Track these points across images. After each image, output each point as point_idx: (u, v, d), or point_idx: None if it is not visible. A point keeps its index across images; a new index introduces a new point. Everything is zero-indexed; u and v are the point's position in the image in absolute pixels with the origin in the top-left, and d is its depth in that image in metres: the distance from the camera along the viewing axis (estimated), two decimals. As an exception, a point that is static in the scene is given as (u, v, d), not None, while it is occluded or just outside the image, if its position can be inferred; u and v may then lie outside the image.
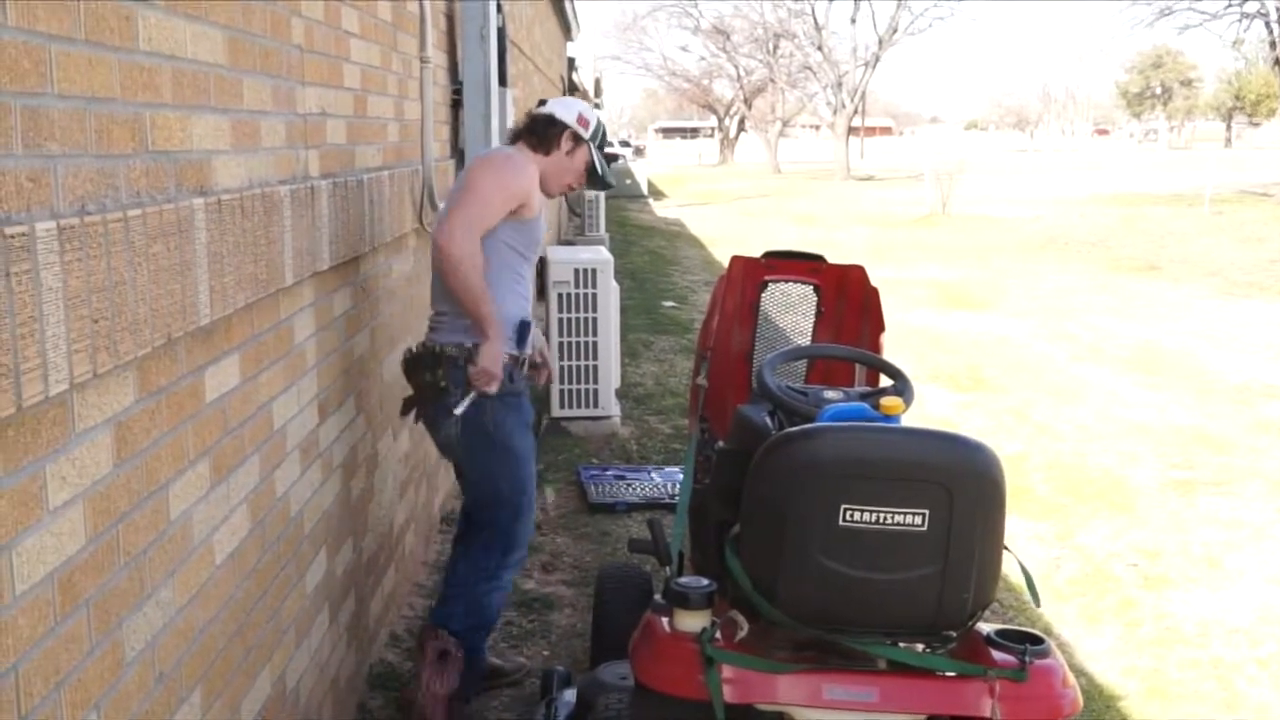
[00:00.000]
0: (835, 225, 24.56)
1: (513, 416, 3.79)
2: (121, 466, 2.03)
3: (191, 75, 2.32)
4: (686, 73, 66.30)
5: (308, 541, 3.26)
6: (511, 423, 3.78)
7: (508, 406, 3.76)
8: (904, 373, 3.36)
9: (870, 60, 50.57)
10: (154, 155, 2.13)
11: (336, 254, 3.34)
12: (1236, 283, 14.98)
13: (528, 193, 3.76)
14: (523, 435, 3.83)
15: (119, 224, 1.91)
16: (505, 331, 3.70)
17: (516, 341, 3.78)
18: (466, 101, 5.89)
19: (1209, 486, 6.60)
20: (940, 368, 9.90)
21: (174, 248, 2.13)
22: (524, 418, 3.84)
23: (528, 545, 4.00)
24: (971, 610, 2.67)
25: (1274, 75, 35.27)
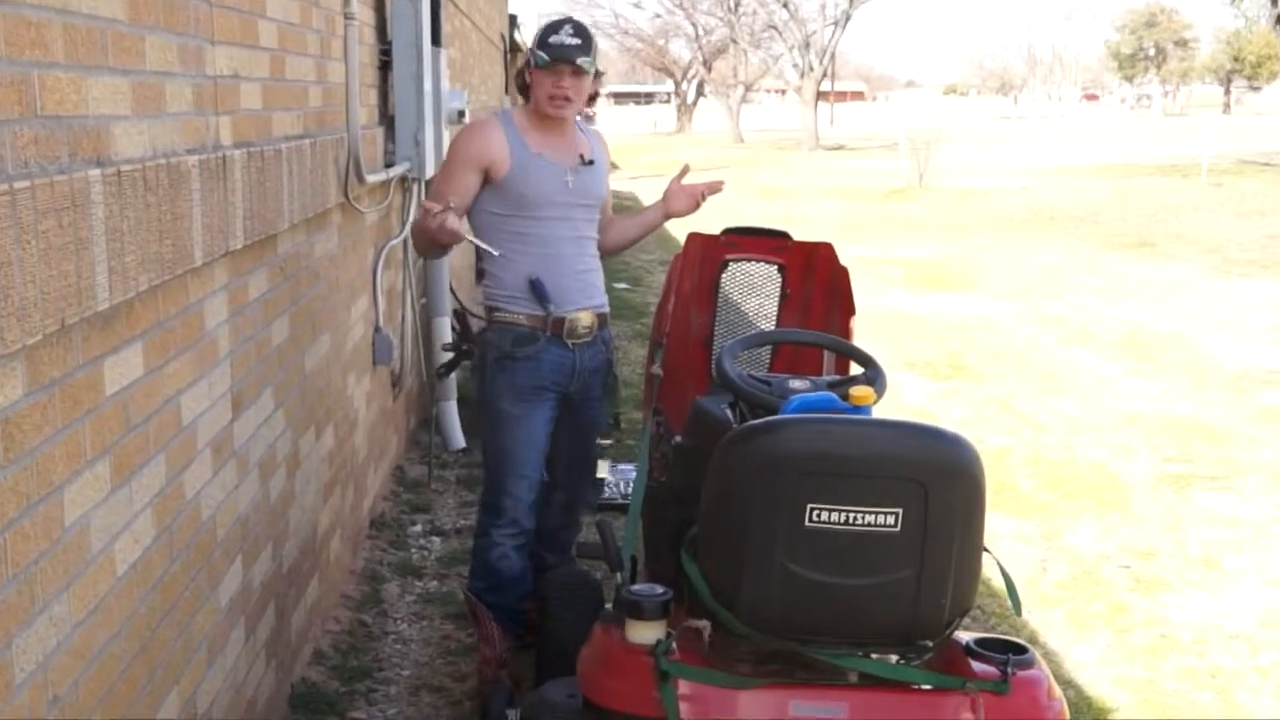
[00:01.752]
0: (802, 199, 24.65)
1: (503, 379, 4.02)
2: (9, 468, 2.01)
3: (86, 31, 2.29)
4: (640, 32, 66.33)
5: (221, 550, 3.23)
6: (503, 385, 4.02)
7: (502, 369, 4.01)
8: (876, 360, 3.37)
9: (840, 19, 50.72)
10: (44, 121, 2.10)
11: (252, 231, 3.31)
12: (1236, 260, 15.16)
13: (482, 153, 3.98)
14: (514, 400, 4.03)
15: (4, 197, 1.88)
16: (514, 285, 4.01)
17: (537, 299, 4.01)
18: (396, 63, 5.85)
19: (1206, 481, 6.68)
20: (916, 354, 9.95)
21: (67, 224, 2.10)
22: (523, 380, 4.02)
23: (527, 520, 4.15)
24: (949, 617, 2.68)
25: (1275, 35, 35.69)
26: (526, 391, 4.05)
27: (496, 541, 4.15)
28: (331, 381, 4.69)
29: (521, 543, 4.19)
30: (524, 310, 4.02)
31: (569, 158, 4.08)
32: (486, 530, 4.17)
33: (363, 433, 5.41)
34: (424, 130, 5.96)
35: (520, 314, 4.03)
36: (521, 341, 4.02)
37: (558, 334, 4.04)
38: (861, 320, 4.30)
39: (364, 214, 5.30)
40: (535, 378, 4.04)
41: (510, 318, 4.04)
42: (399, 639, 4.71)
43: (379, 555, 5.42)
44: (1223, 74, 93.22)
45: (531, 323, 4.02)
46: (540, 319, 4.01)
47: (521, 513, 4.14)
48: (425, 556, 5.47)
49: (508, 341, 4.02)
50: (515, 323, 4.03)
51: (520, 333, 4.02)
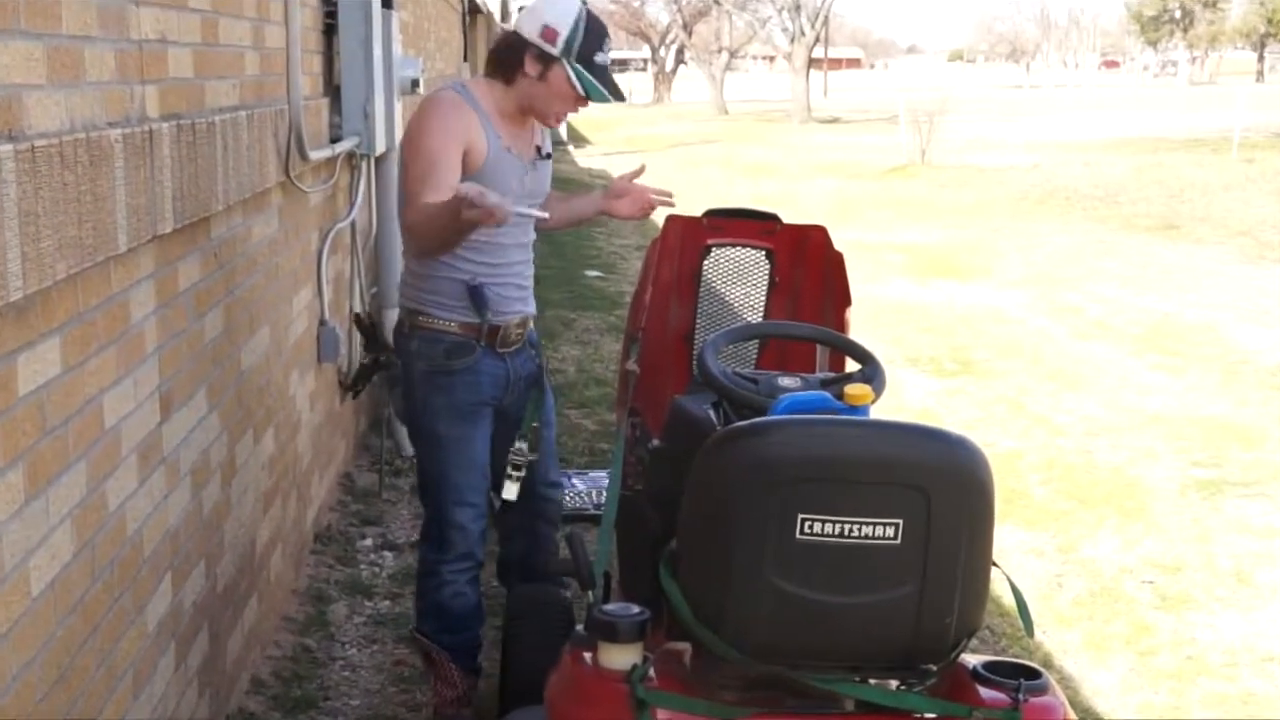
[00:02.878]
0: (793, 177, 24.67)
1: (439, 398, 3.92)
2: (-88, 477, 2.00)
3: (-5, -8, 2.28)
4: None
5: (148, 566, 3.22)
6: (438, 404, 3.93)
7: (436, 386, 3.92)
8: (874, 355, 3.38)
9: (835, -22, 50.80)
10: (-51, 91, 2.09)
11: (182, 213, 3.30)
12: (1270, 244, 15.23)
13: (467, 133, 3.79)
14: (452, 421, 3.93)
15: (-95, 176, 1.87)
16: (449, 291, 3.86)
17: (474, 307, 3.86)
18: (342, 26, 5.84)
19: (1238, 488, 6.72)
20: (919, 348, 9.99)
21: (-25, 206, 2.09)
22: (461, 399, 3.93)
23: (480, 551, 4.09)
24: (955, 639, 2.69)
25: (1313, -4, 35.86)
26: (466, 409, 3.95)
27: (448, 579, 4.05)
28: (271, 380, 4.68)
29: (475, 575, 4.11)
30: (456, 317, 3.89)
31: (528, 150, 3.99)
32: (434, 568, 4.07)
33: (306, 436, 5.40)
34: (373, 101, 5.94)
35: (451, 321, 3.89)
36: (456, 352, 3.90)
37: (491, 343, 3.94)
38: (858, 311, 4.31)
39: (308, 194, 5.29)
40: (475, 393, 3.95)
41: (439, 325, 3.90)
42: (347, 665, 4.70)
43: (325, 572, 5.41)
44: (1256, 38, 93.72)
45: (464, 331, 3.90)
46: (474, 327, 3.90)
47: (472, 543, 4.05)
48: (376, 574, 5.47)
49: (439, 353, 3.90)
50: (445, 330, 3.90)
51: (453, 342, 3.90)
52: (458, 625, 4.11)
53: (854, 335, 3.93)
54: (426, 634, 4.14)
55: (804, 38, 50.12)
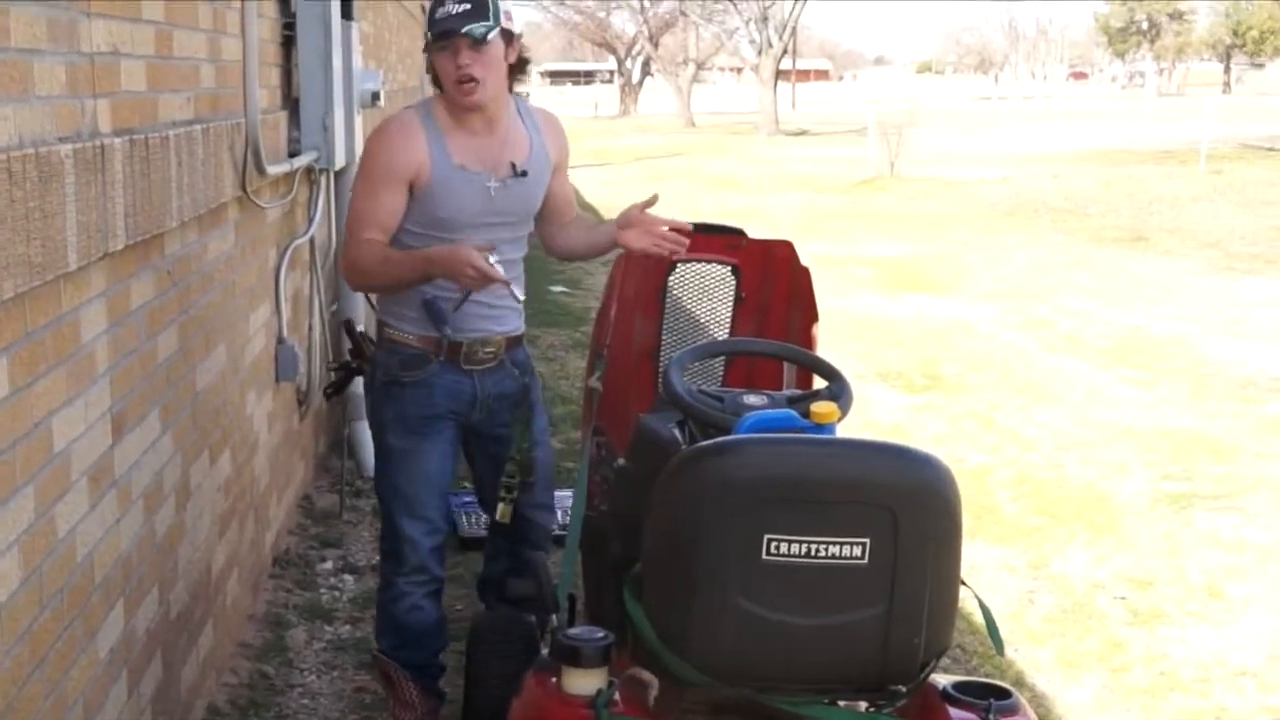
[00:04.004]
0: (760, 190, 24.73)
1: (391, 408, 3.96)
2: None
3: (-62, 5, 2.25)
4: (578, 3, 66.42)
5: (99, 593, 3.19)
6: (389, 415, 3.97)
7: (389, 396, 3.95)
8: (841, 372, 3.38)
9: (801, -11, 50.99)
10: (-111, 107, 2.06)
11: (135, 230, 3.27)
12: (1238, 256, 15.35)
13: (405, 165, 3.79)
14: (403, 433, 3.95)
15: None
16: (409, 304, 3.88)
17: (432, 320, 3.86)
18: (300, 38, 5.81)
19: (1208, 501, 6.74)
20: (887, 363, 10.00)
21: (-84, 224, 2.06)
22: (412, 411, 3.93)
23: (436, 567, 4.08)
24: (924, 659, 2.69)
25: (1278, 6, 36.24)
26: (416, 422, 3.93)
27: (404, 591, 4.05)
28: (228, 400, 4.65)
29: (433, 590, 4.09)
30: (415, 330, 3.90)
31: (496, 164, 3.88)
32: (391, 580, 4.08)
33: (264, 458, 5.36)
34: (333, 115, 5.91)
35: (411, 334, 3.90)
36: (410, 365, 3.90)
37: (453, 359, 3.91)
38: (826, 327, 4.31)
39: (265, 210, 5.26)
40: (426, 406, 3.92)
41: (399, 336, 3.92)
42: (306, 692, 4.66)
43: (283, 597, 5.37)
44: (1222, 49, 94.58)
45: (423, 344, 3.90)
46: (433, 341, 3.89)
47: (424, 557, 4.02)
48: (336, 598, 5.43)
49: (395, 364, 3.92)
50: (404, 342, 3.91)
51: (409, 354, 3.91)
52: (415, 641, 4.08)
53: (822, 351, 3.93)
54: (385, 651, 4.12)
55: (771, 49, 50.30)
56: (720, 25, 58.48)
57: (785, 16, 51.16)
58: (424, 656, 4.12)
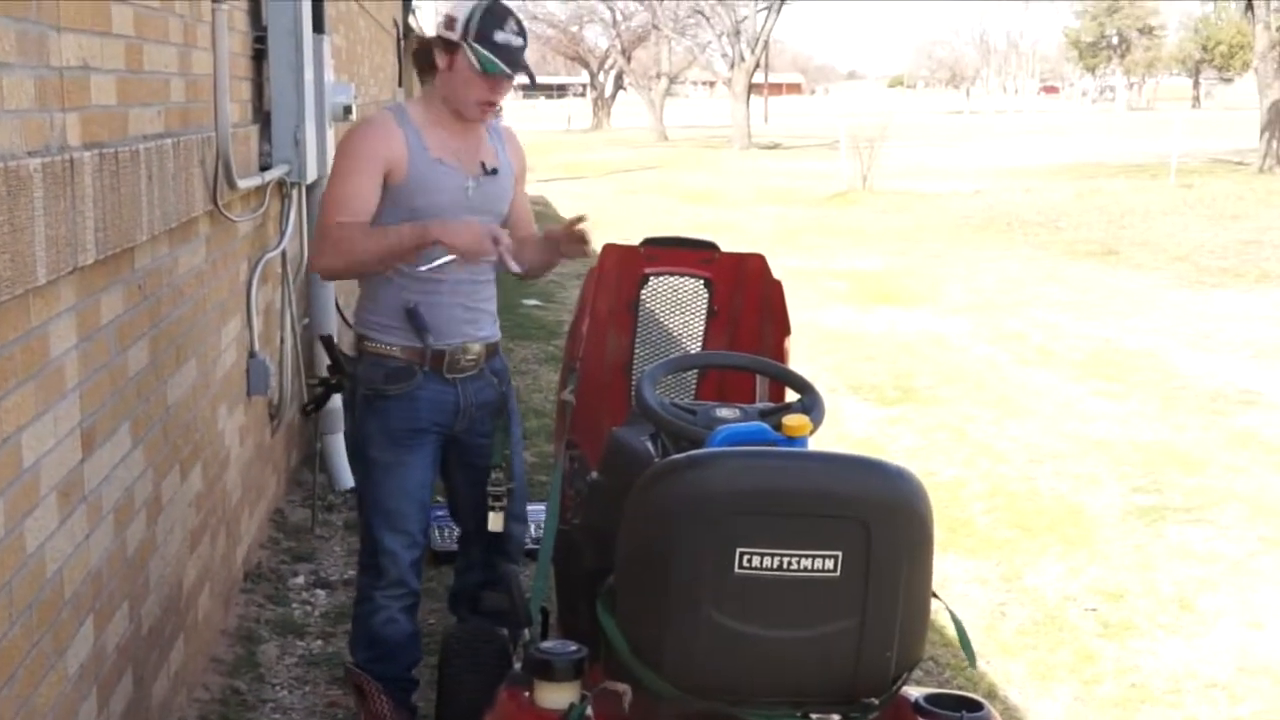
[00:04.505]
0: (733, 204, 24.77)
1: (373, 421, 3.95)
2: None
3: (-94, 18, 2.25)
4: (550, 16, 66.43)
5: (69, 609, 3.17)
6: (371, 428, 3.96)
7: (371, 410, 3.94)
8: (813, 385, 3.39)
9: (774, 3, 51.16)
10: None
11: (105, 244, 3.26)
12: (1208, 269, 15.45)
13: (385, 152, 3.82)
14: (384, 446, 3.96)
15: None
16: (389, 314, 3.91)
17: (413, 330, 3.90)
18: (272, 52, 5.81)
19: (1179, 513, 6.77)
20: (860, 376, 10.02)
21: (-116, 238, 2.05)
22: (396, 424, 3.94)
23: (414, 580, 4.10)
24: (896, 672, 2.70)
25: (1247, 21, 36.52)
26: (401, 435, 3.95)
27: (381, 605, 4.06)
28: (199, 414, 4.63)
29: (409, 604, 4.10)
30: (398, 341, 3.92)
31: (471, 164, 3.95)
32: (368, 594, 4.09)
33: (235, 472, 5.34)
34: (304, 128, 5.90)
35: (394, 345, 3.92)
36: (395, 377, 3.92)
37: (437, 369, 3.95)
38: (799, 339, 4.31)
39: (236, 224, 5.24)
40: (410, 419, 3.95)
41: (382, 349, 3.93)
42: (278, 707, 4.64)
43: (255, 612, 5.35)
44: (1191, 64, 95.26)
45: (407, 355, 3.92)
46: (417, 351, 3.92)
47: (404, 571, 4.04)
48: (309, 612, 5.41)
49: (379, 376, 3.92)
50: (388, 354, 3.93)
51: (394, 367, 3.92)
52: (390, 654, 4.09)
53: (794, 364, 3.93)
54: (359, 665, 4.12)
55: (744, 63, 50.48)
56: (693, 39, 58.66)
57: (758, 30, 51.38)
58: (399, 670, 4.11)
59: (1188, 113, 58.74)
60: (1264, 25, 32.22)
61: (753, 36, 51.19)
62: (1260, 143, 31.96)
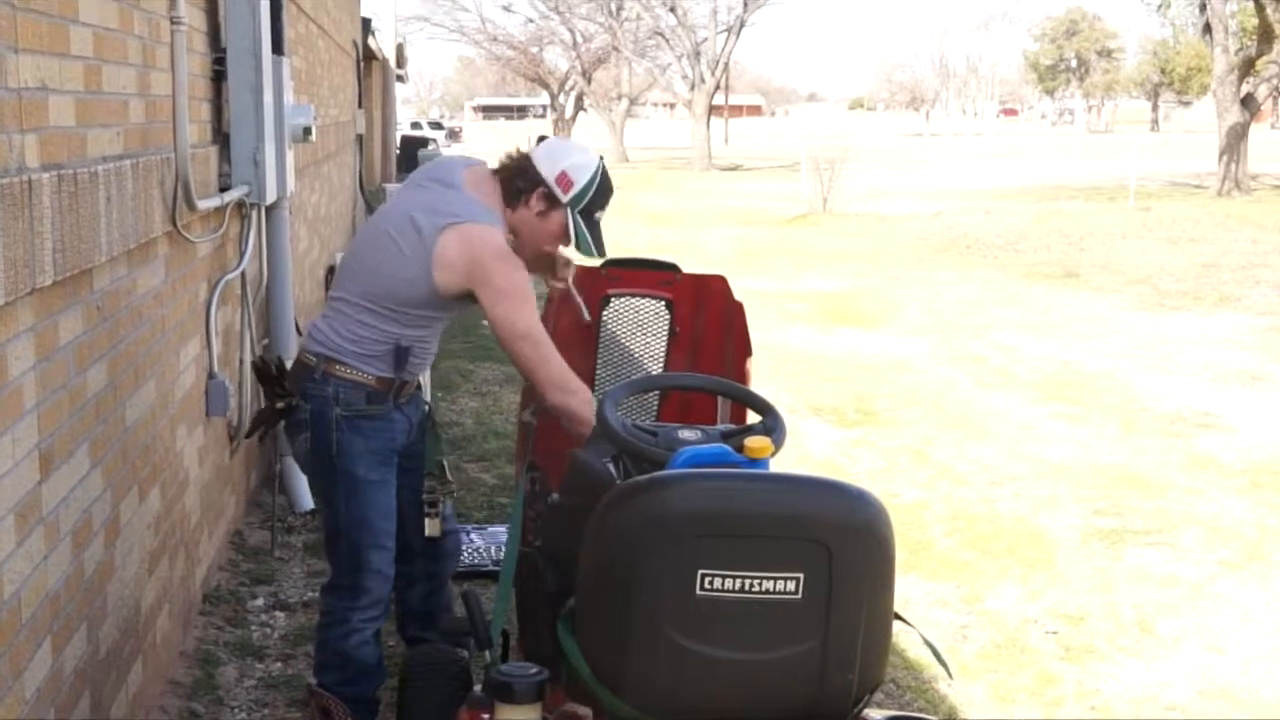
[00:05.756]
0: (694, 225, 24.83)
1: (360, 441, 4.06)
2: None
3: None
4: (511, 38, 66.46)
5: (26, 631, 3.15)
6: (358, 448, 4.06)
7: (356, 430, 4.05)
8: (774, 406, 3.40)
9: (734, 25, 51.42)
10: None
11: (63, 265, 3.26)
12: (1167, 292, 15.57)
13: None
14: (372, 465, 4.08)
15: None
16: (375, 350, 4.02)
17: (394, 365, 4.04)
18: (231, 73, 5.80)
19: (1139, 536, 6.82)
20: (821, 398, 10.06)
21: None
22: (378, 444, 4.09)
23: (385, 595, 4.20)
24: (858, 694, 2.71)
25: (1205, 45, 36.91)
26: (385, 455, 4.12)
27: (357, 626, 4.12)
28: (158, 436, 4.62)
29: (380, 625, 4.19)
30: (374, 371, 4.04)
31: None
32: (345, 616, 4.13)
33: (195, 494, 5.32)
34: (264, 149, 5.90)
35: (369, 375, 4.04)
36: (374, 399, 4.06)
37: (397, 396, 4.11)
38: (759, 361, 4.34)
39: (195, 244, 5.23)
40: (390, 439, 4.12)
41: (357, 375, 4.03)
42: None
43: (214, 634, 5.32)
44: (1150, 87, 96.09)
45: (380, 385, 4.06)
46: (388, 381, 4.06)
47: (386, 590, 4.16)
48: (268, 635, 5.39)
49: (360, 398, 4.03)
50: (363, 382, 4.04)
51: (372, 391, 4.05)
52: (360, 677, 4.15)
53: (756, 385, 3.95)
54: (327, 686, 4.15)
55: (704, 85, 50.65)
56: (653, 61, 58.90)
57: (717, 53, 51.59)
58: (369, 691, 4.18)
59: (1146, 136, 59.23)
60: (1222, 49, 32.61)
61: (713, 58, 51.41)
62: (1219, 166, 32.35)
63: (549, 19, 62.57)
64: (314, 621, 4.53)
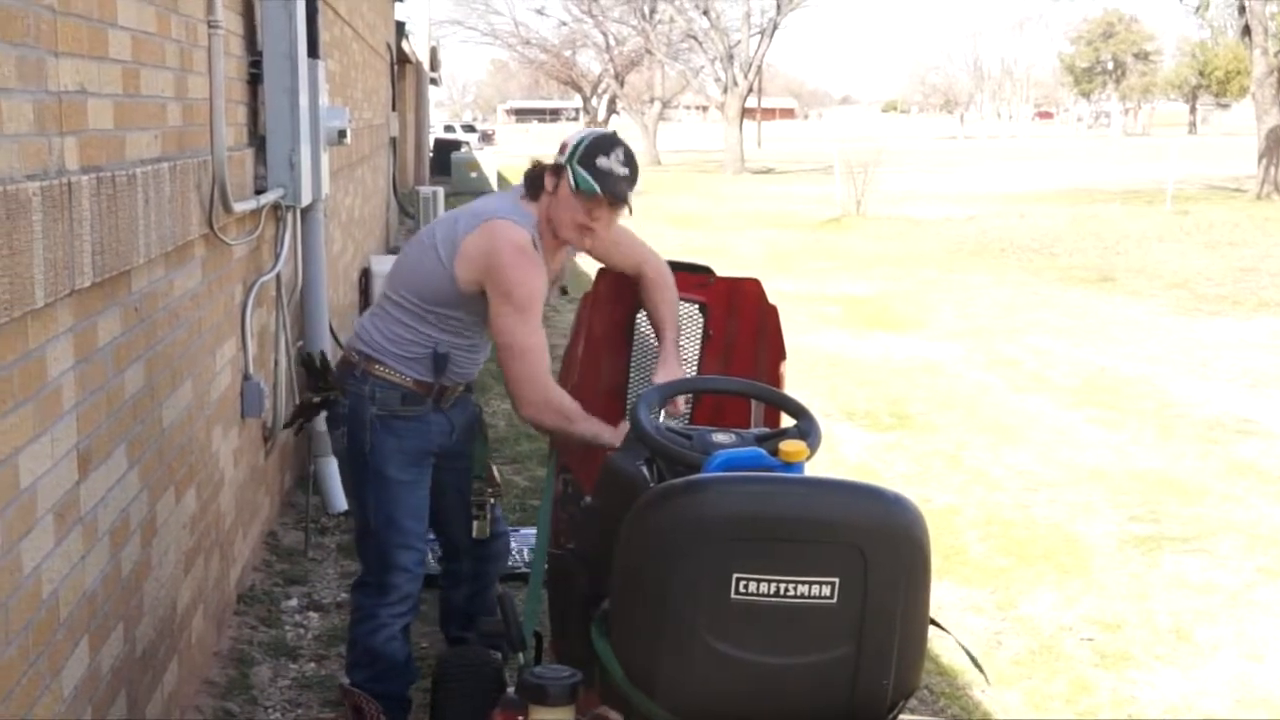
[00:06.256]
0: (727, 228, 24.81)
1: (392, 441, 4.12)
2: None
3: (-89, 42, 2.27)
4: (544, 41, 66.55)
5: (64, 630, 3.18)
6: (390, 448, 4.12)
7: (389, 430, 4.11)
8: (809, 410, 3.40)
9: (767, 28, 51.32)
10: None
11: (101, 267, 3.28)
12: (1205, 296, 15.48)
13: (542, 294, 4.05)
14: (404, 465, 4.14)
15: None
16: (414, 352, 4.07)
17: (433, 370, 4.09)
18: (267, 76, 5.83)
19: (1176, 543, 6.79)
20: (855, 402, 10.04)
21: (-112, 261, 2.07)
22: (411, 445, 4.14)
23: (414, 593, 4.24)
24: (893, 700, 2.71)
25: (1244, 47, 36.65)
26: (417, 456, 4.16)
27: (385, 622, 4.17)
28: (194, 437, 4.65)
29: (409, 622, 4.24)
30: (412, 374, 4.10)
31: (554, 282, 4.26)
32: (373, 612, 4.19)
33: (230, 494, 5.36)
34: (299, 152, 5.93)
35: (408, 376, 4.10)
36: (410, 400, 4.10)
37: (438, 400, 4.16)
38: (793, 365, 4.33)
39: (231, 247, 5.27)
40: (424, 441, 4.16)
41: (394, 376, 4.10)
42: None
43: (248, 634, 5.35)
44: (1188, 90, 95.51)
45: (417, 388, 4.11)
46: (427, 385, 4.12)
47: (413, 587, 4.20)
48: (301, 635, 5.41)
49: (395, 399, 4.09)
50: (400, 384, 4.10)
51: (408, 393, 4.11)
52: (391, 672, 4.20)
53: (789, 389, 3.95)
54: (359, 684, 4.19)
55: (737, 88, 50.60)
56: (686, 64, 58.76)
57: (751, 55, 51.52)
58: (399, 689, 4.22)
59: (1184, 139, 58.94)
60: (1261, 51, 32.38)
61: (746, 61, 51.34)
62: (1258, 169, 32.12)
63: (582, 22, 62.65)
64: (347, 622, 4.56)
